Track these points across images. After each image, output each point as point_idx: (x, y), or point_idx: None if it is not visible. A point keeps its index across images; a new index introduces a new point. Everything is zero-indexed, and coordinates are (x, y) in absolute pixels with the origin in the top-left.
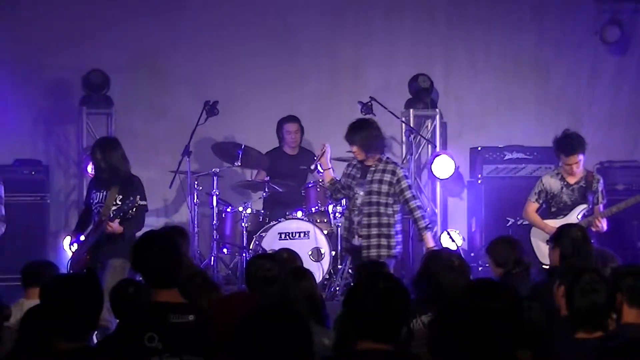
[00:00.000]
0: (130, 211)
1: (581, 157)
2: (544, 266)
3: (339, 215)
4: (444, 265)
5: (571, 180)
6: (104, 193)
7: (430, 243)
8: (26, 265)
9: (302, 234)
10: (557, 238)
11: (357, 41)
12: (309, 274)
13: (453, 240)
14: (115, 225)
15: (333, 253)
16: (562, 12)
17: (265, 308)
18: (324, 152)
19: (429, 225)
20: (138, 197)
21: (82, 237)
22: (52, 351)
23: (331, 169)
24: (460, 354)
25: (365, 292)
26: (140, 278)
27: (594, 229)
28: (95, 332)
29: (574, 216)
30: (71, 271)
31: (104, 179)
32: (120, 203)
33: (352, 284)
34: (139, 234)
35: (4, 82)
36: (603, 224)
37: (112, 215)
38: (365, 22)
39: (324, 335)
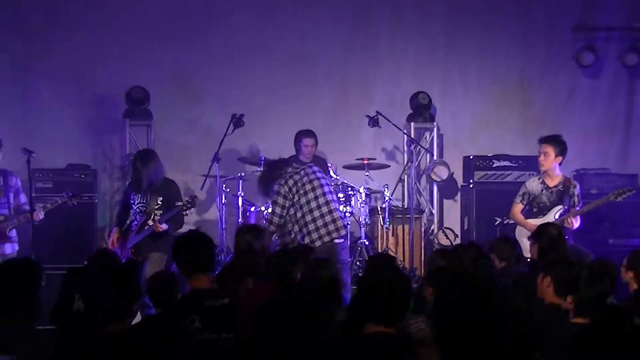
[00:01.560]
0: (176, 214)
1: (549, 149)
2: (527, 260)
3: (349, 215)
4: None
5: (550, 183)
6: (146, 197)
7: None
8: None
9: None
10: (537, 235)
11: (365, 63)
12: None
13: (447, 238)
14: (164, 226)
15: None
16: (543, 40)
17: (280, 296)
18: None
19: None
20: (178, 203)
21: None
22: (105, 333)
23: None
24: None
25: (370, 282)
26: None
27: (567, 226)
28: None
29: (552, 216)
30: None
31: (143, 184)
32: (161, 204)
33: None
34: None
35: (59, 97)
36: (575, 222)
37: (160, 218)
38: (372, 47)
39: None
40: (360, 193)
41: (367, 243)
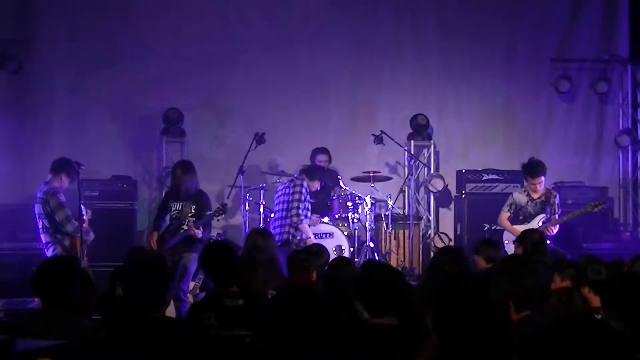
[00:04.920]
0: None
1: (543, 178)
2: None
3: (356, 221)
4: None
5: (535, 196)
6: (181, 204)
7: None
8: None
9: (328, 235)
10: (521, 239)
11: (370, 89)
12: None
13: (442, 241)
14: (199, 233)
15: (351, 249)
16: (525, 70)
17: (288, 290)
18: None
19: None
20: (208, 212)
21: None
22: (147, 319)
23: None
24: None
25: (370, 279)
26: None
27: (547, 233)
28: None
29: (535, 223)
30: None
31: (180, 192)
32: (194, 212)
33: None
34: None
35: (105, 117)
36: (554, 229)
37: (195, 223)
38: (377, 76)
39: None
40: (367, 202)
41: (372, 245)
